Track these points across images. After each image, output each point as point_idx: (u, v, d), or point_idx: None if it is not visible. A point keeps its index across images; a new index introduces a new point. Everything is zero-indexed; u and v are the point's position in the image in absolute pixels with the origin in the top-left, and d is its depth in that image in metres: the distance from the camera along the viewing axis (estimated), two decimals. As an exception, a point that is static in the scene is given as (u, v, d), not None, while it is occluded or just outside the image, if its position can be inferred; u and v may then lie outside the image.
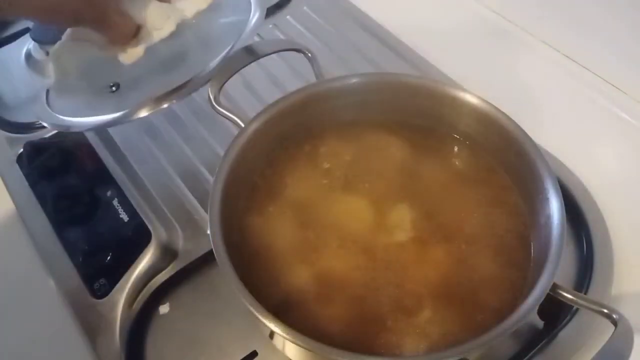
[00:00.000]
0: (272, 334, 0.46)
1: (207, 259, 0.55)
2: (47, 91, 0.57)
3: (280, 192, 0.52)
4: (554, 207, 0.44)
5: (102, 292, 0.53)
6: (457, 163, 0.54)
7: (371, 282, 0.46)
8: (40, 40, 0.76)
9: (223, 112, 0.53)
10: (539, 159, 0.47)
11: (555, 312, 0.49)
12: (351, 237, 0.48)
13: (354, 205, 0.51)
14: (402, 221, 0.49)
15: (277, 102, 0.52)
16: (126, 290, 0.53)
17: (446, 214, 0.49)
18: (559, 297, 0.40)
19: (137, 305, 0.52)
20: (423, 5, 0.79)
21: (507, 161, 0.51)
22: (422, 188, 0.52)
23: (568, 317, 0.49)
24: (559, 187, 0.45)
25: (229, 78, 0.55)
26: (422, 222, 0.49)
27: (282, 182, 0.53)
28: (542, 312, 0.49)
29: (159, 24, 0.51)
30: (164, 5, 0.52)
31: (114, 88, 0.56)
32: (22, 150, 0.65)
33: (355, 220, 0.50)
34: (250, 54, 0.57)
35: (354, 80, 0.54)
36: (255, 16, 0.58)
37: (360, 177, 0.52)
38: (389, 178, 0.52)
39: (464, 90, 0.53)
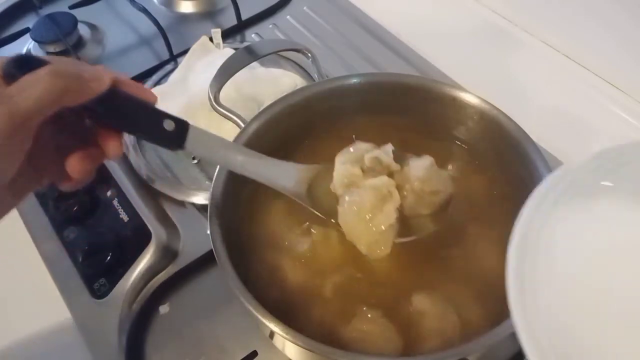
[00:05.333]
0: (272, 334, 0.46)
1: (207, 259, 0.55)
2: None
3: (280, 193, 0.52)
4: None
5: (102, 292, 0.53)
6: (456, 163, 0.54)
7: (373, 281, 0.46)
8: (40, 40, 0.76)
9: (223, 112, 0.53)
10: (538, 159, 0.47)
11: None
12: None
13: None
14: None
15: (277, 102, 0.52)
16: (126, 290, 0.53)
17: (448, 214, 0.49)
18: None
19: (137, 305, 0.52)
20: (423, 6, 0.79)
21: (506, 161, 0.51)
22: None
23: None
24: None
25: (229, 78, 0.56)
26: (424, 221, 0.49)
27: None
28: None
29: None
30: None
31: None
32: (22, 150, 0.65)
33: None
34: (250, 54, 0.57)
35: (354, 80, 0.54)
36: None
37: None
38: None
39: (464, 90, 0.53)
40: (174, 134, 0.39)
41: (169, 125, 0.39)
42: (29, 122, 0.31)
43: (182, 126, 0.39)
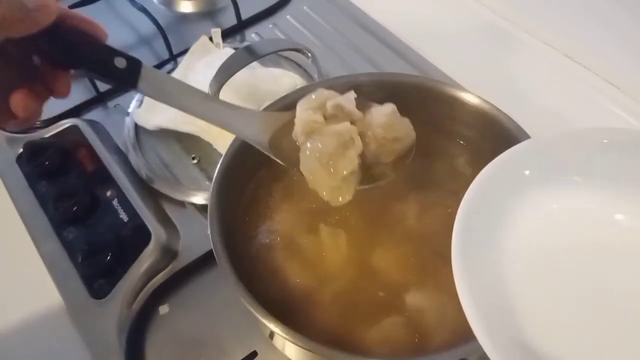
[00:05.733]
0: (272, 334, 0.46)
1: (207, 259, 0.55)
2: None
3: (280, 193, 0.52)
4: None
5: (102, 292, 0.53)
6: (456, 163, 0.54)
7: (374, 280, 0.46)
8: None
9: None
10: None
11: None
12: (352, 235, 0.48)
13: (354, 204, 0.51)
14: (403, 217, 0.49)
15: (276, 102, 0.52)
16: (126, 290, 0.53)
17: (445, 213, 0.49)
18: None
19: (137, 305, 0.52)
20: (423, 6, 0.79)
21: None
22: (421, 187, 0.52)
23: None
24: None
25: (229, 78, 0.56)
26: (424, 218, 0.49)
27: (283, 183, 0.53)
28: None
29: None
30: None
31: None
32: (22, 150, 0.65)
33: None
34: (250, 53, 0.57)
35: (354, 80, 0.54)
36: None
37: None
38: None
39: (464, 90, 0.53)
40: (125, 71, 0.38)
41: (120, 62, 0.37)
42: None
43: (134, 64, 0.38)
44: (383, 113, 0.45)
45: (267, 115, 0.46)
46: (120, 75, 0.38)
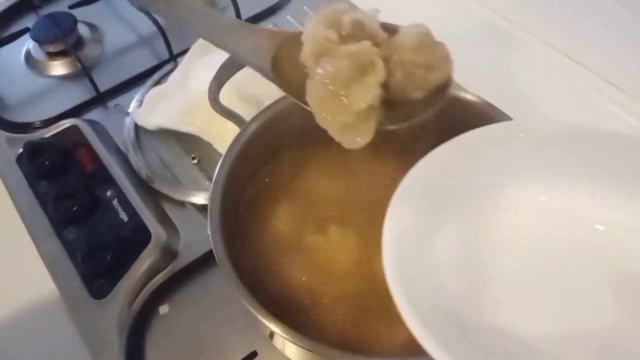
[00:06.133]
0: (272, 334, 0.46)
1: (207, 259, 0.55)
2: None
3: (280, 193, 0.52)
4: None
5: (102, 292, 0.53)
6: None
7: (377, 281, 0.46)
8: (40, 40, 0.76)
9: (223, 112, 0.53)
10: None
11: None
12: (355, 234, 0.48)
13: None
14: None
15: (277, 102, 0.52)
16: (126, 290, 0.53)
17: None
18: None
19: (137, 305, 0.52)
20: (423, 6, 0.79)
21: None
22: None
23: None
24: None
25: (229, 78, 0.55)
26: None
27: (283, 183, 0.53)
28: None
29: None
30: None
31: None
32: (22, 150, 0.65)
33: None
34: (250, 54, 0.57)
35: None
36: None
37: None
38: (387, 177, 0.52)
39: (464, 90, 0.53)
40: None
41: None
42: None
43: None
44: (414, 33, 0.36)
45: (271, 33, 0.38)
46: None
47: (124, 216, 0.58)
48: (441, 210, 0.39)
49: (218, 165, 0.48)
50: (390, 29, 0.37)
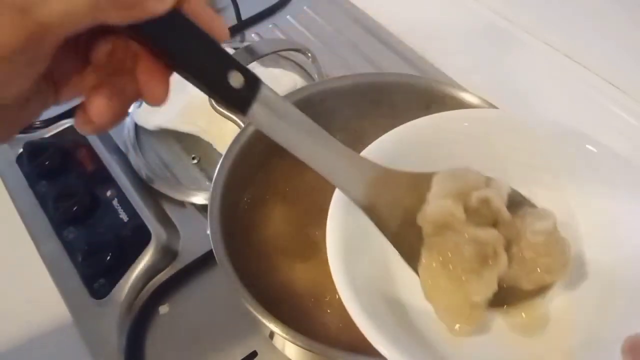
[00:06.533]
0: (272, 334, 0.46)
1: (207, 259, 0.54)
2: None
3: (280, 193, 0.52)
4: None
5: (101, 292, 0.53)
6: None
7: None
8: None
9: (223, 112, 0.53)
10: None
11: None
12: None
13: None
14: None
15: (277, 102, 0.52)
16: (126, 290, 0.53)
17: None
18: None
19: (137, 305, 0.52)
20: (423, 5, 0.79)
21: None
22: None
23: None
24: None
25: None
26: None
27: (283, 183, 0.53)
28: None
29: None
30: None
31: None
32: (22, 150, 0.65)
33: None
34: (250, 53, 0.57)
35: (354, 80, 0.54)
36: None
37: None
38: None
39: (464, 90, 0.53)
40: (239, 92, 0.29)
41: (236, 78, 0.29)
42: (50, 37, 0.22)
43: (252, 84, 0.29)
44: (542, 229, 0.34)
45: (386, 173, 0.35)
46: (232, 95, 0.29)
47: (124, 216, 0.58)
48: None
49: (218, 165, 0.48)
50: (516, 202, 0.35)
